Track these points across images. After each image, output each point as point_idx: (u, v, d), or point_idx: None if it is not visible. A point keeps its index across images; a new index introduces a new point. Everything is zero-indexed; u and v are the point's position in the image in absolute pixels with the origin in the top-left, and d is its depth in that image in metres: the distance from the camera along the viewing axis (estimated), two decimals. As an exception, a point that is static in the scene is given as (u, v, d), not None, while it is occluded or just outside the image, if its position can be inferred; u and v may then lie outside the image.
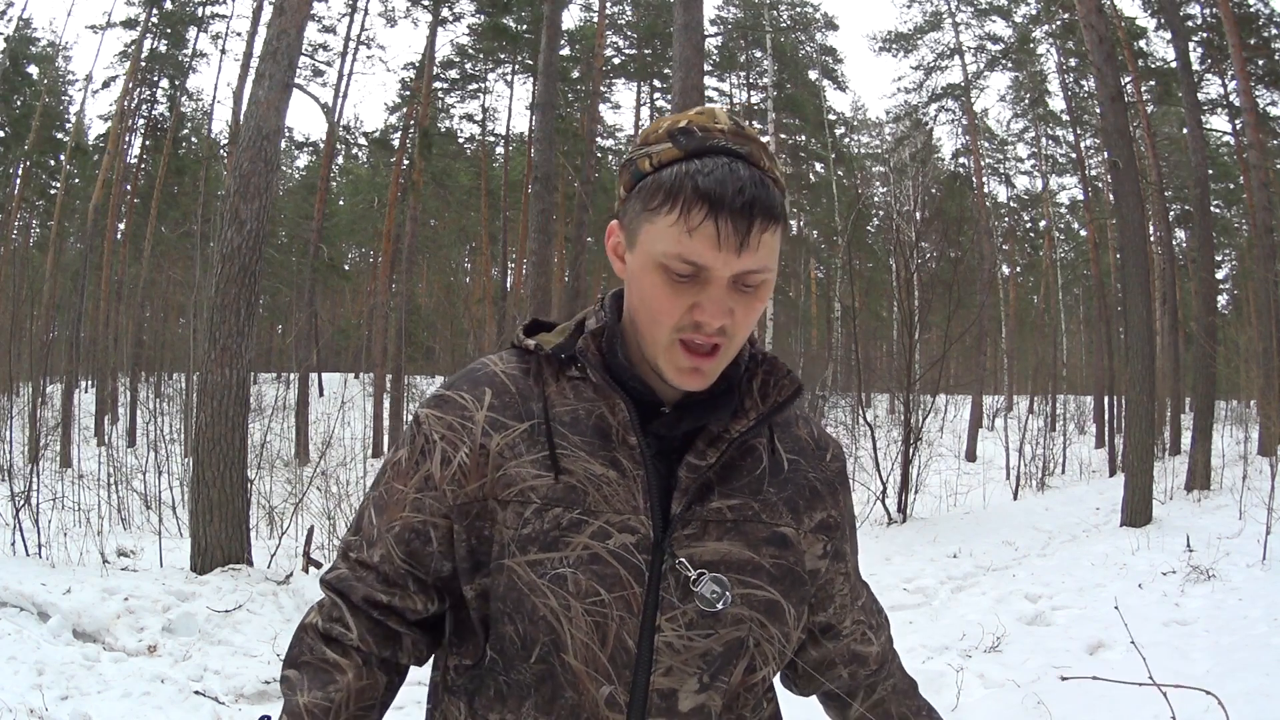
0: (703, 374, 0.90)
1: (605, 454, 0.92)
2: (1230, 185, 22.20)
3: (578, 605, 0.89)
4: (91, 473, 9.90)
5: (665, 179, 0.87)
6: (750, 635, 0.94)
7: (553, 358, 0.97)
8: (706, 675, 0.92)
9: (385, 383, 20.92)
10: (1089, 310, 26.83)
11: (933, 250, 14.15)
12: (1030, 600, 6.10)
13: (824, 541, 1.01)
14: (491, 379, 0.97)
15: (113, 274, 22.36)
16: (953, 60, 24.43)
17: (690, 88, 7.75)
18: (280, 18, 6.29)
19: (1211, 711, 2.91)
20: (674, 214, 0.86)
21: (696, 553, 0.91)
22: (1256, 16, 15.61)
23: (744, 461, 0.96)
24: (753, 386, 0.97)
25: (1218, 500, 9.78)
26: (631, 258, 0.92)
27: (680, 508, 0.91)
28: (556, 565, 0.89)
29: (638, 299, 0.91)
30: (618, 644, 0.89)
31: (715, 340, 0.88)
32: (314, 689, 0.95)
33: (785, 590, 0.96)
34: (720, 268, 0.85)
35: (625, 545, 0.90)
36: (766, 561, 0.95)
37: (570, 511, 0.90)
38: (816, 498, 1.01)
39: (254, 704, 4.10)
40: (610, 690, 0.90)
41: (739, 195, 0.84)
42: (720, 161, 0.87)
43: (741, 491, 0.95)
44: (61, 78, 23.70)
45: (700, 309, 0.87)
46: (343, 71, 21.18)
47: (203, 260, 16.60)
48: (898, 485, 10.32)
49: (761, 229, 0.85)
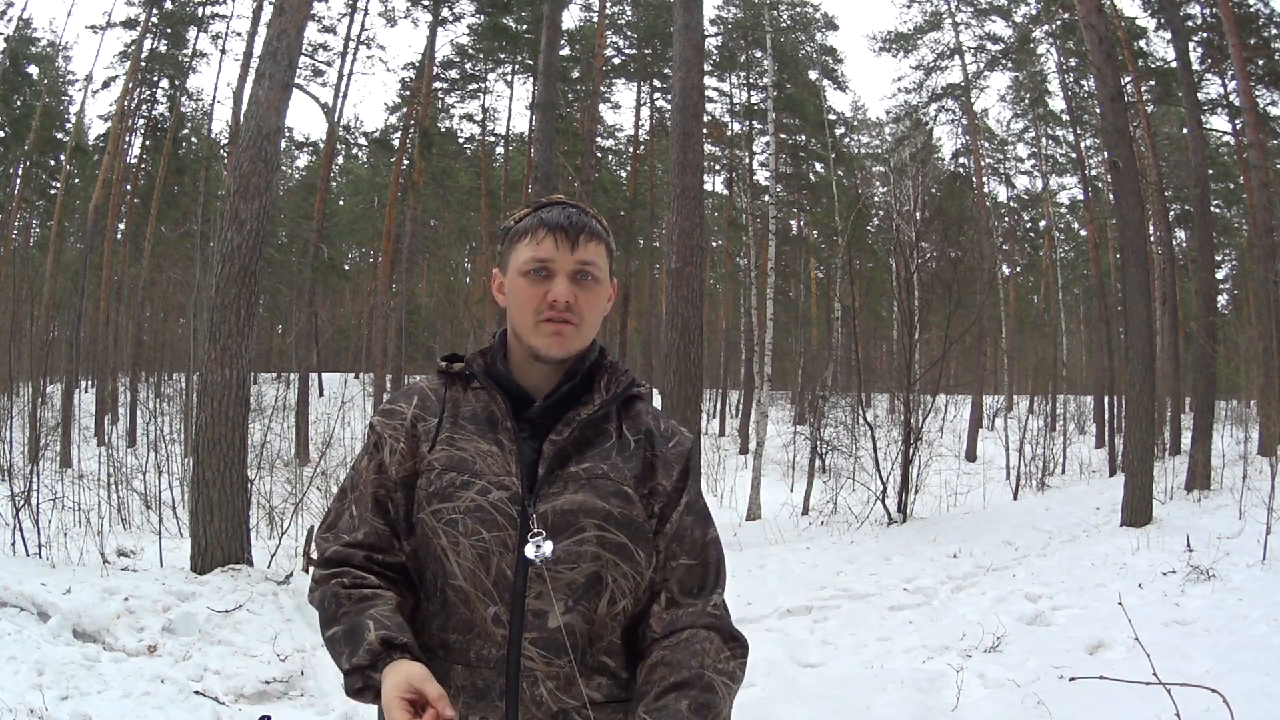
0: (563, 338, 1.26)
1: (492, 435, 1.26)
2: (1230, 185, 22.17)
3: (465, 541, 1.20)
4: (91, 473, 9.90)
5: (523, 224, 1.31)
6: (606, 571, 1.22)
7: (459, 375, 1.34)
8: (571, 599, 1.19)
9: (385, 383, 20.91)
10: (1089, 310, 26.82)
11: (933, 250, 14.14)
12: (1030, 600, 6.10)
13: (653, 504, 1.29)
14: (419, 390, 1.36)
15: (113, 274, 22.35)
16: (953, 60, 24.42)
17: (690, 88, 7.75)
18: (280, 18, 6.28)
19: (1212, 712, 2.91)
20: (527, 237, 1.29)
21: (558, 503, 1.21)
22: (1256, 16, 15.60)
23: (596, 438, 1.28)
24: (600, 384, 1.32)
25: (1218, 500, 9.78)
26: (507, 282, 1.32)
27: (544, 470, 1.23)
28: (450, 514, 1.21)
29: (513, 305, 1.29)
30: (499, 573, 1.19)
31: (566, 316, 1.25)
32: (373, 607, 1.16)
33: (631, 535, 1.24)
34: (560, 261, 1.26)
35: (501, 498, 1.21)
36: (615, 510, 1.23)
37: (461, 475, 1.23)
38: (651, 470, 1.30)
39: (254, 704, 4.10)
40: (495, 610, 1.18)
41: (567, 219, 1.28)
42: (556, 207, 1.31)
43: (593, 458, 1.26)
44: (61, 78, 23.71)
45: (551, 293, 1.26)
46: (343, 71, 21.18)
47: (203, 260, 16.60)
48: (898, 485, 10.32)
49: (586, 239, 1.28)
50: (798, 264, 28.95)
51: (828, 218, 25.29)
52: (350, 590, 1.19)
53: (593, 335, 1.32)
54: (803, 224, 29.33)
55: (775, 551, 8.38)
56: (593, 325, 1.30)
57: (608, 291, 1.33)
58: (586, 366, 1.31)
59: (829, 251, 28.06)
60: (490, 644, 1.18)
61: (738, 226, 25.85)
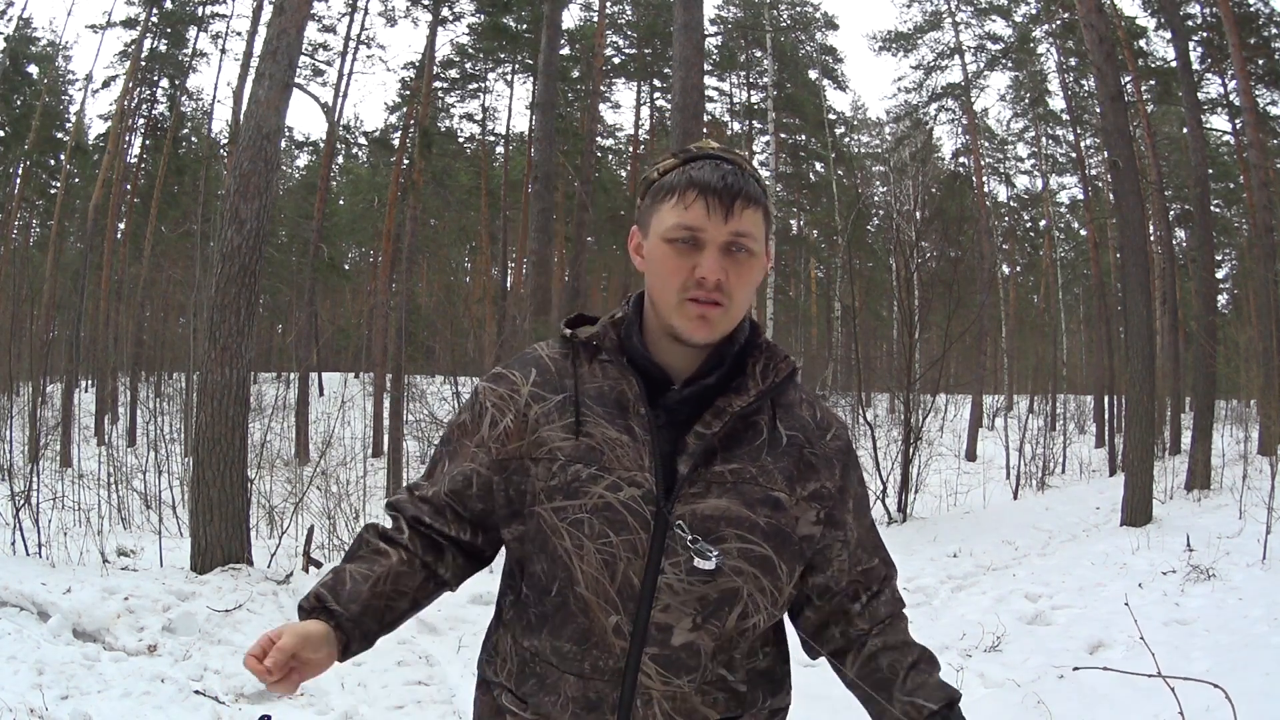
0: (709, 322, 1.10)
1: (622, 422, 1.12)
2: (1230, 185, 22.16)
3: (590, 545, 1.08)
4: (91, 472, 9.89)
5: (669, 179, 1.14)
6: (744, 586, 1.10)
7: (587, 344, 1.17)
8: (700, 616, 1.08)
9: (385, 382, 20.91)
10: (1089, 310, 26.81)
11: (933, 250, 14.14)
12: (1030, 600, 6.09)
13: (817, 509, 1.16)
14: (537, 361, 1.20)
15: (113, 274, 22.34)
16: (953, 60, 24.40)
17: (690, 87, 7.74)
18: (280, 17, 6.28)
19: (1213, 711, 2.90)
20: (674, 198, 1.11)
21: (699, 507, 1.09)
22: (1256, 16, 15.59)
23: (745, 433, 1.13)
24: (755, 369, 1.16)
25: (1218, 500, 9.78)
26: (647, 245, 1.15)
27: (687, 468, 1.09)
28: (575, 511, 1.09)
29: (653, 275, 1.13)
30: (625, 581, 1.08)
31: (715, 297, 1.09)
32: (361, 563, 1.15)
33: (776, 547, 1.12)
34: (712, 231, 1.09)
35: (633, 497, 1.08)
36: (761, 520, 1.11)
37: (589, 468, 1.10)
38: (811, 470, 1.16)
39: (254, 704, 4.10)
40: (617, 620, 1.08)
41: (722, 180, 1.09)
42: (709, 162, 1.12)
43: (741, 458, 1.12)
44: (61, 77, 23.68)
45: (700, 268, 1.09)
46: (343, 71, 21.16)
47: (203, 260, 16.60)
48: (898, 485, 10.32)
49: (743, 205, 1.10)
50: (798, 264, 28.95)
51: (828, 217, 25.30)
52: (372, 539, 1.18)
53: (743, 314, 1.15)
54: (803, 224, 29.33)
55: (775, 551, 8.36)
56: (744, 304, 1.13)
57: (763, 264, 1.15)
58: (736, 349, 1.16)
59: (829, 251, 28.06)
60: (608, 655, 1.09)
61: (738, 226, 25.83)
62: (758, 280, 1.15)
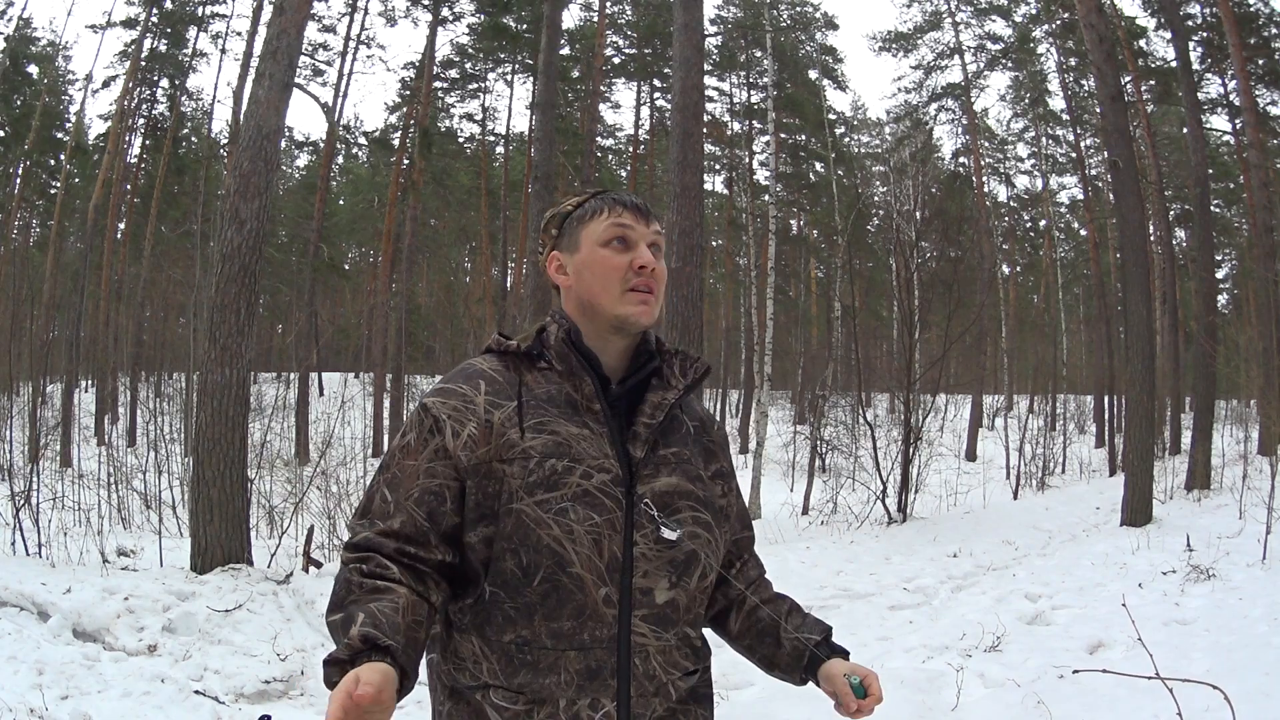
0: (649, 307, 1.29)
1: (577, 418, 1.25)
2: (1230, 185, 22.15)
3: (579, 528, 1.19)
4: (91, 472, 9.89)
5: (589, 205, 1.34)
6: (701, 549, 1.28)
7: (526, 354, 1.31)
8: (674, 577, 1.25)
9: (385, 382, 20.91)
10: (1089, 310, 26.81)
11: (933, 250, 14.13)
12: (1030, 600, 6.09)
13: (721, 485, 1.39)
14: (482, 373, 1.30)
15: (113, 274, 22.34)
16: (953, 60, 24.41)
17: (690, 87, 7.74)
18: (280, 17, 6.28)
19: (1213, 711, 2.91)
20: (604, 213, 1.32)
21: (655, 485, 1.26)
22: (1256, 16, 15.59)
23: (673, 423, 1.34)
24: (675, 368, 1.35)
25: (1218, 500, 9.78)
26: (577, 259, 1.32)
27: (642, 453, 1.26)
28: (560, 501, 1.20)
29: (592, 277, 1.30)
30: (610, 555, 1.20)
31: (650, 283, 1.29)
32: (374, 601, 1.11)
33: (714, 515, 1.32)
34: (642, 231, 1.31)
35: (604, 482, 1.22)
36: (700, 492, 1.31)
37: (563, 460, 1.21)
38: (711, 454, 1.39)
39: (254, 703, 4.10)
40: (606, 590, 1.20)
41: (636, 198, 1.34)
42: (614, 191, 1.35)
43: (676, 443, 1.32)
44: (61, 77, 23.68)
45: (637, 259, 1.29)
46: (343, 71, 21.18)
47: (203, 260, 16.60)
48: (898, 485, 10.31)
49: (653, 217, 1.34)
50: (798, 264, 28.94)
51: (828, 217, 25.29)
52: (364, 579, 1.14)
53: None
54: (803, 224, 29.31)
55: (775, 551, 8.37)
56: (663, 297, 1.33)
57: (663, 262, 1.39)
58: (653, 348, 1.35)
59: (829, 251, 28.04)
60: (602, 625, 1.20)
61: (738, 226, 25.84)
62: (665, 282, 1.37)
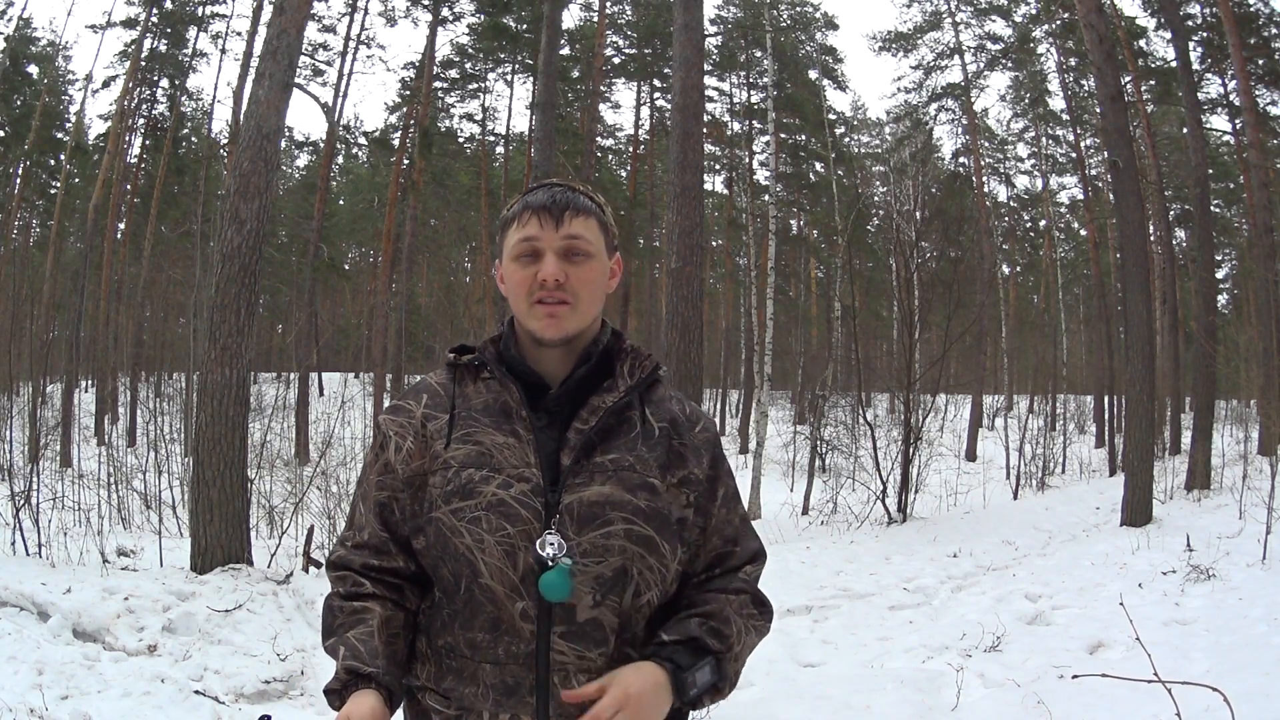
0: (558, 319, 1.22)
1: (507, 427, 1.22)
2: (1230, 185, 22.16)
3: (490, 538, 1.17)
4: (91, 472, 9.89)
5: (511, 210, 1.29)
6: (633, 565, 1.19)
7: (469, 365, 1.30)
8: (599, 594, 1.17)
9: (385, 382, 20.90)
10: (1089, 310, 26.81)
11: (933, 250, 14.14)
12: (1030, 600, 6.09)
13: (687, 494, 1.26)
14: (427, 387, 1.31)
15: (113, 274, 22.34)
16: (953, 60, 24.39)
17: (690, 87, 7.74)
18: (280, 17, 6.28)
19: (1213, 711, 2.90)
20: (515, 223, 1.26)
21: (585, 494, 1.18)
22: (1256, 16, 15.58)
23: (620, 427, 1.24)
24: (623, 369, 1.28)
25: (1218, 500, 9.78)
26: (503, 269, 1.28)
27: (570, 460, 1.19)
28: (472, 510, 1.18)
29: (509, 291, 1.27)
30: (525, 568, 1.16)
31: (558, 295, 1.22)
32: (354, 628, 1.20)
33: (657, 528, 1.20)
34: (546, 239, 1.23)
35: (523, 491, 1.18)
36: (641, 503, 1.20)
37: (480, 470, 1.20)
38: (680, 459, 1.26)
39: (254, 703, 4.10)
40: (523, 605, 1.16)
41: (551, 198, 1.25)
42: (541, 188, 1.28)
43: (619, 448, 1.22)
44: (61, 77, 23.69)
45: (540, 272, 1.22)
46: (343, 71, 21.14)
47: (203, 260, 16.59)
48: (898, 485, 10.32)
49: (572, 215, 1.24)
50: (798, 264, 28.95)
51: (828, 217, 25.29)
52: (344, 602, 1.22)
53: (593, 314, 1.27)
54: (803, 224, 29.30)
55: (775, 551, 8.37)
56: (590, 303, 1.25)
57: (605, 267, 1.29)
58: (601, 349, 1.28)
59: (829, 251, 28.05)
60: (518, 640, 1.16)
61: (738, 226, 25.84)
62: (602, 282, 1.28)
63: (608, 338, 1.30)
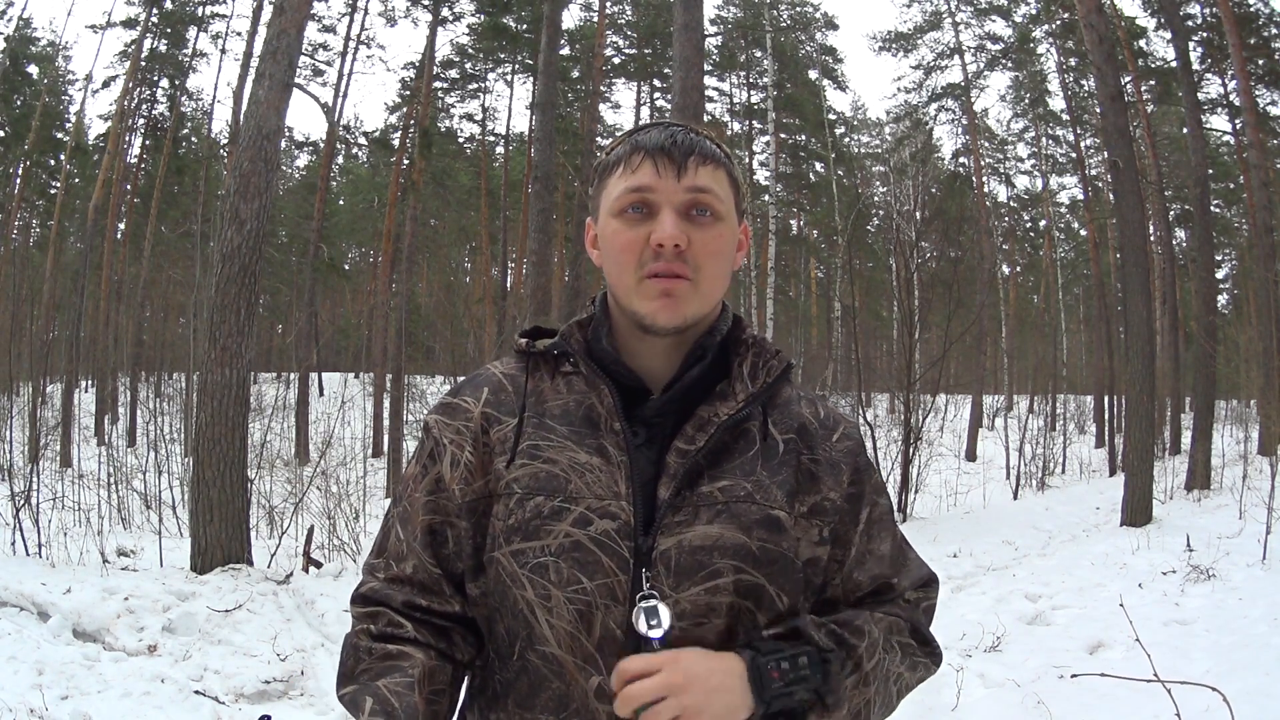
0: (675, 300, 0.93)
1: (592, 441, 0.94)
2: (1230, 185, 22.17)
3: (559, 594, 0.89)
4: (91, 472, 9.89)
5: (615, 153, 0.99)
6: (740, 623, 0.91)
7: (546, 355, 1.00)
8: None
9: (385, 382, 20.89)
10: (1089, 310, 26.81)
11: (933, 250, 14.14)
12: (1030, 600, 6.09)
13: (819, 527, 0.97)
14: (490, 379, 1.02)
15: (113, 274, 22.33)
16: (953, 60, 24.41)
17: (690, 87, 7.74)
18: (280, 17, 6.28)
19: (1212, 711, 2.90)
20: (620, 167, 0.97)
21: (687, 537, 0.90)
22: (1256, 16, 15.59)
23: (735, 444, 0.95)
24: (743, 370, 0.99)
25: (1218, 500, 9.78)
26: (599, 228, 1.00)
27: (668, 493, 0.91)
28: (538, 554, 0.90)
29: (608, 259, 0.98)
30: (605, 634, 0.89)
31: (676, 268, 0.93)
32: (385, 676, 0.92)
33: (770, 575, 0.92)
34: (664, 190, 0.94)
35: (606, 532, 0.90)
36: (756, 545, 0.91)
37: (551, 500, 0.91)
38: (812, 480, 0.97)
39: (254, 703, 4.10)
40: (600, 680, 0.88)
41: (669, 138, 0.95)
42: (655, 127, 0.98)
43: (732, 473, 0.93)
44: (61, 77, 23.68)
45: (655, 233, 0.93)
46: (343, 71, 21.15)
47: (203, 260, 16.59)
48: (898, 485, 10.32)
49: (698, 161, 0.95)
50: (798, 264, 28.95)
51: (828, 218, 25.31)
52: (373, 643, 0.95)
53: (716, 296, 0.98)
54: (803, 224, 29.32)
55: (775, 551, 8.38)
56: (716, 280, 0.96)
57: (734, 235, 0.99)
58: (718, 341, 0.99)
59: (829, 251, 28.06)
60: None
61: (738, 226, 25.84)
62: (729, 251, 0.98)
63: (726, 326, 1.01)
